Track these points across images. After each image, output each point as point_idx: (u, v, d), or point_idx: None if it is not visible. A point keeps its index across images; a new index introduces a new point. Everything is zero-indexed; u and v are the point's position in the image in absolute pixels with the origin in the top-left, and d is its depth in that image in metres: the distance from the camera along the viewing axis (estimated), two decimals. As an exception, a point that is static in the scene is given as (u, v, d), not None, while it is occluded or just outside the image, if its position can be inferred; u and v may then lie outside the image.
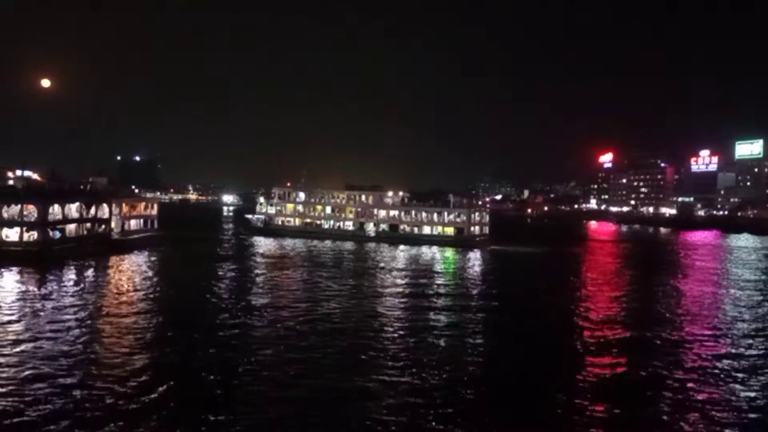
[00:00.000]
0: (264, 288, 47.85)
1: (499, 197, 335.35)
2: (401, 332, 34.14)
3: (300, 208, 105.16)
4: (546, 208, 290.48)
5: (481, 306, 42.61)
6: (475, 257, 77.57)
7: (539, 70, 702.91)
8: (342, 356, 29.10)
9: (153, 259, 65.98)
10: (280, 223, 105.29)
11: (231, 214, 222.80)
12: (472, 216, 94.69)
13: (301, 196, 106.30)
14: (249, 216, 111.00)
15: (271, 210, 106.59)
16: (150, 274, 54.23)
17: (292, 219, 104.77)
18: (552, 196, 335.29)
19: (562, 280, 56.41)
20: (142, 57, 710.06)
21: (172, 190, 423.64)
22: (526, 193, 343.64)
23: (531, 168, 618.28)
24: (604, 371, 27.85)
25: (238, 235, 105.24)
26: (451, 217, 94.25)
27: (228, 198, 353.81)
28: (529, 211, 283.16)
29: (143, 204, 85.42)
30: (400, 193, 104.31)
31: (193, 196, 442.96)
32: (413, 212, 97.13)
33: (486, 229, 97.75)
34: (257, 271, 57.73)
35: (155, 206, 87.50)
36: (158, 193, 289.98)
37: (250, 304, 40.46)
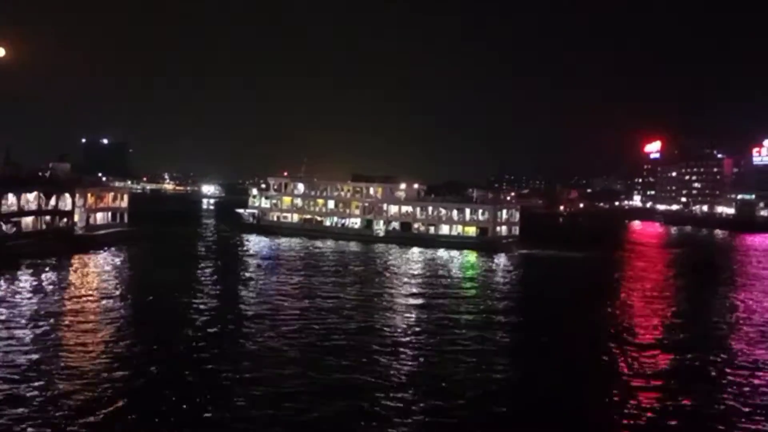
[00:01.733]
0: (251, 296, 47.80)
1: (526, 192, 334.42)
2: (415, 351, 33.93)
3: (298, 201, 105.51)
4: (581, 205, 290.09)
5: (508, 322, 42.41)
6: (501, 263, 77.44)
7: (572, 44, 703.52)
8: (345, 378, 28.80)
9: (122, 258, 66.09)
10: (274, 218, 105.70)
11: (212, 207, 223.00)
12: (499, 214, 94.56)
13: (300, 187, 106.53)
14: (239, 210, 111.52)
15: (265, 203, 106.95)
16: (119, 276, 54.28)
17: (288, 214, 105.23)
18: (589, 191, 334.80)
19: (603, 292, 56.08)
20: (115, 21, 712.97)
21: (145, 179, 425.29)
22: (558, 187, 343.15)
23: (564, 158, 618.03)
24: (652, 403, 27.36)
25: (221, 232, 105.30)
26: (475, 214, 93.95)
27: (209, 189, 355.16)
28: (562, 208, 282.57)
29: (112, 194, 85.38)
30: (415, 186, 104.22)
31: (169, 185, 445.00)
32: (430, 208, 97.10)
33: (515, 230, 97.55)
34: (244, 276, 57.82)
35: (125, 197, 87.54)
36: (129, 182, 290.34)
37: (234, 316, 40.31)
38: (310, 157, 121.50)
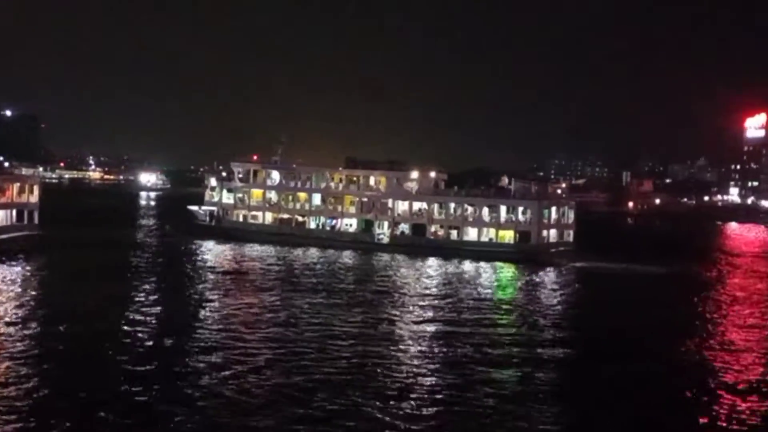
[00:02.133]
0: (203, 324, 47.67)
1: (581, 182, 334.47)
2: (431, 399, 34.11)
3: (272, 196, 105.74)
4: (657, 201, 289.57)
5: (558, 360, 42.44)
6: (548, 280, 77.42)
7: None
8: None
9: (27, 273, 65.92)
10: (240, 218, 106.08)
11: (153, 202, 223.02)
12: (546, 213, 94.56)
13: (275, 176, 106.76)
14: (192, 207, 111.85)
15: (228, 198, 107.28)
16: (19, 298, 53.98)
17: (259, 213, 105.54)
18: (667, 181, 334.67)
19: (687, 322, 56.01)
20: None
21: (63, 165, 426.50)
22: (625, 176, 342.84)
23: (633, 138, 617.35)
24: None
25: (165, 237, 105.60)
26: (514, 214, 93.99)
27: (148, 178, 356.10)
28: (631, 205, 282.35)
29: (16, 186, 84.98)
30: (432, 175, 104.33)
31: (95, 174, 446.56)
32: (452, 205, 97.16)
33: (568, 235, 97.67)
34: (194, 297, 57.60)
35: (36, 189, 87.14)
36: (41, 169, 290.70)
37: (177, 351, 40.24)
38: (292, 138, 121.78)
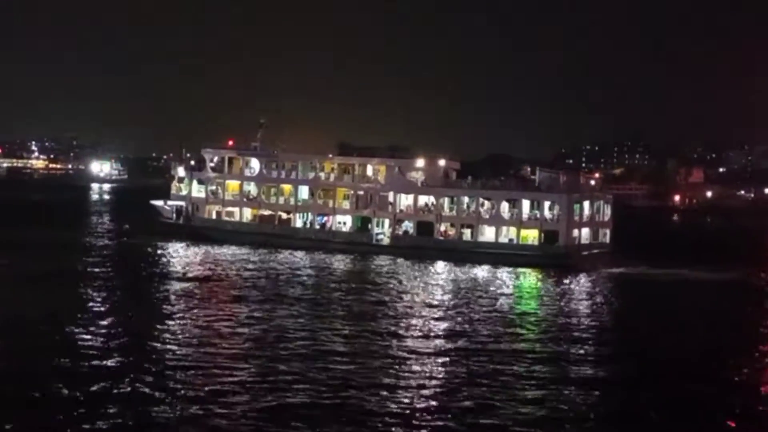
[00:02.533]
0: (164, 344, 47.36)
1: (618, 172, 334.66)
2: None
3: (251, 188, 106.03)
4: (709, 194, 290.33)
5: (593, 384, 42.10)
6: (579, 288, 77.74)
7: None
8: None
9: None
10: (212, 216, 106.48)
11: (107, 195, 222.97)
12: (577, 208, 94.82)
13: (255, 165, 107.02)
14: (156, 202, 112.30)
15: (198, 192, 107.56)
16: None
17: (235, 209, 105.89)
18: (721, 170, 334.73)
19: (746, 338, 55.95)
20: None
21: (0, 152, 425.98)
22: (670, 165, 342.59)
23: (680, 121, 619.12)
24: None
25: (122, 238, 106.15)
26: (539, 209, 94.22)
27: (101, 167, 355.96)
28: (677, 198, 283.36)
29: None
30: (441, 163, 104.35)
31: (39, 162, 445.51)
32: (464, 200, 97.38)
33: (604, 235, 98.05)
34: (156, 311, 57.28)
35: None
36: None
37: (133, 372, 40.07)
38: (274, 120, 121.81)
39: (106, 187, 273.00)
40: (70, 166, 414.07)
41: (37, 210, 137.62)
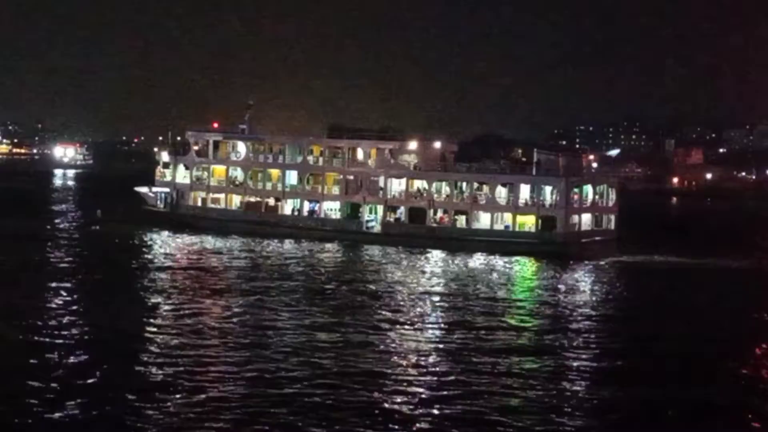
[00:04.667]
0: (141, 340, 46.92)
1: (613, 153, 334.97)
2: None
3: (238, 173, 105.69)
4: (709, 176, 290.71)
5: (593, 390, 41.19)
6: (581, 279, 77.42)
7: None
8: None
9: None
10: (198, 203, 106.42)
11: (74, 182, 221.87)
12: (577, 192, 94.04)
13: (241, 149, 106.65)
14: (141, 189, 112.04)
15: (183, 177, 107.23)
16: None
17: (221, 196, 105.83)
18: (722, 151, 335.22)
19: (749, 331, 55.60)
20: None
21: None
22: (668, 145, 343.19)
23: (678, 100, 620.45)
24: None
25: (89, 226, 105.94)
26: (537, 194, 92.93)
27: (65, 151, 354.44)
28: (676, 181, 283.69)
29: None
30: (436, 145, 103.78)
31: (2, 147, 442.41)
32: (464, 185, 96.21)
33: (609, 221, 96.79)
34: (133, 304, 56.77)
35: None
36: None
37: (110, 369, 39.74)
38: (263, 101, 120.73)
39: (71, 173, 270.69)
40: (35, 151, 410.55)
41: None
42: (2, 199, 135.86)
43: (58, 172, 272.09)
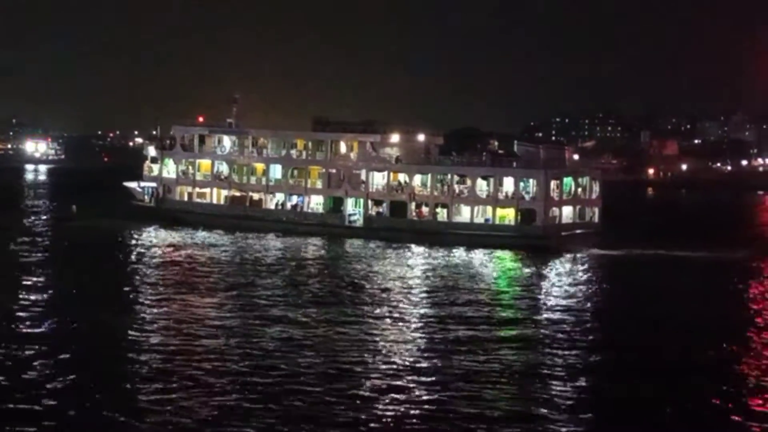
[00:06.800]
0: (118, 337, 47.20)
1: (590, 145, 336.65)
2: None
3: (223, 167, 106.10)
4: (684, 167, 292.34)
5: (565, 385, 41.42)
6: (559, 273, 77.59)
7: None
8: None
9: None
10: (184, 197, 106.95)
11: (44, 177, 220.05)
12: (555, 185, 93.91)
13: (227, 143, 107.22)
14: (130, 184, 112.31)
15: (169, 172, 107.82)
16: None
17: (207, 190, 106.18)
18: (696, 142, 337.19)
19: (718, 324, 55.71)
20: None
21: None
22: (644, 137, 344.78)
23: (654, 91, 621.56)
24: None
25: (64, 222, 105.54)
26: (519, 186, 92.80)
27: (37, 147, 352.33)
28: (651, 172, 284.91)
29: None
30: (420, 138, 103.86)
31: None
32: (438, 177, 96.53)
33: (592, 214, 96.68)
34: (109, 300, 57.05)
35: None
36: None
37: (87, 367, 40.31)
38: (249, 95, 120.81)
39: (42, 168, 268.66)
40: (9, 146, 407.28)
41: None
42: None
43: (30, 167, 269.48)
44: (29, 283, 62.50)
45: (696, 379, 42.18)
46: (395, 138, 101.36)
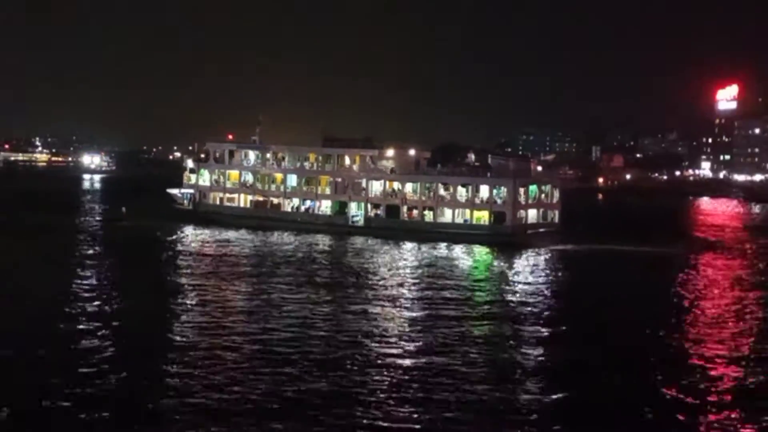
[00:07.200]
0: (155, 323, 46.24)
1: (550, 158, 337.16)
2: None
3: (248, 177, 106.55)
4: (628, 176, 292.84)
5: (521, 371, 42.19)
6: (522, 265, 77.36)
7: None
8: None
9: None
10: (216, 201, 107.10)
11: (98, 184, 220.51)
12: (522, 192, 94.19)
13: (251, 157, 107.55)
14: (172, 191, 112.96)
15: (204, 181, 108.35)
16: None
17: (236, 196, 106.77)
18: (638, 156, 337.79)
19: (655, 307, 55.53)
20: None
21: (7, 147, 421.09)
22: (595, 152, 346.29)
23: (604, 112, 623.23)
24: None
25: (110, 222, 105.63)
26: (492, 192, 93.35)
27: (92, 159, 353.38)
28: (601, 180, 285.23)
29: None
30: (411, 152, 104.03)
31: (42, 155, 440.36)
32: (436, 186, 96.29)
33: (552, 215, 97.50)
34: (151, 290, 56.43)
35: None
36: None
37: (133, 351, 39.51)
38: (270, 115, 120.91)
39: (97, 177, 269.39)
40: (70, 159, 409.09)
41: (29, 198, 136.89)
42: (36, 199, 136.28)
43: (86, 176, 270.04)
44: (88, 273, 62.83)
45: (636, 353, 42.36)
46: (390, 152, 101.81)
